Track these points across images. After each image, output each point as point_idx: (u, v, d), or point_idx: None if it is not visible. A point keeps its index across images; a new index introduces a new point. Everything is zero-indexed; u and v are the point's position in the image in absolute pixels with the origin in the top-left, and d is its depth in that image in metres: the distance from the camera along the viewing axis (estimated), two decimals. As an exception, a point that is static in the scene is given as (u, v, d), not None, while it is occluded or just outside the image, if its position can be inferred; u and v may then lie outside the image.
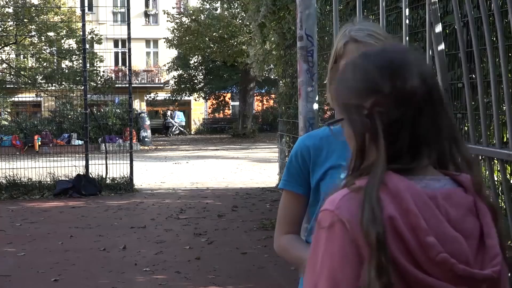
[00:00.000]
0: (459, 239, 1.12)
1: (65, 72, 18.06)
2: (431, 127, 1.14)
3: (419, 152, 1.15)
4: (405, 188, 1.10)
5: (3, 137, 20.49)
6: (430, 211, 1.10)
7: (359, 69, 1.17)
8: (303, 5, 3.15)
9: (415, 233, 1.08)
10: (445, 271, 1.08)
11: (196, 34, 28.12)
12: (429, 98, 1.14)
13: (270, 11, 9.30)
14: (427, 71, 1.16)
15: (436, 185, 1.16)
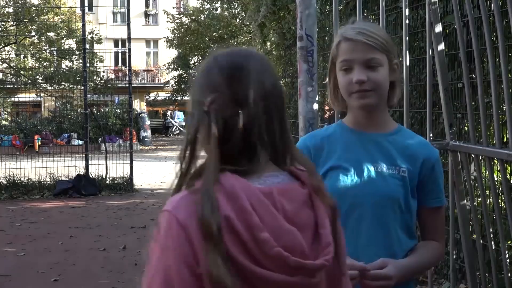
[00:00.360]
0: (294, 232, 1.17)
1: (65, 72, 18.05)
2: (265, 130, 1.20)
3: (255, 153, 1.20)
4: (240, 188, 1.15)
5: (3, 137, 20.49)
6: (265, 208, 1.15)
7: (206, 68, 1.25)
8: (303, 5, 3.15)
9: (250, 231, 1.12)
10: (280, 264, 1.13)
11: (196, 34, 28.12)
12: (265, 103, 1.20)
13: (270, 11, 9.30)
14: (266, 78, 1.22)
15: (275, 181, 1.22)
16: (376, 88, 1.71)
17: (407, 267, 1.68)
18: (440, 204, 1.77)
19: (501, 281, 3.60)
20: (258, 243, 1.12)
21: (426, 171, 1.72)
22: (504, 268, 3.50)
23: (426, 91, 3.58)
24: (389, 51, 1.72)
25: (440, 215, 1.78)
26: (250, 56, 1.25)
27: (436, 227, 1.77)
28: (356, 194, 1.71)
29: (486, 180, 3.97)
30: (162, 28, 33.13)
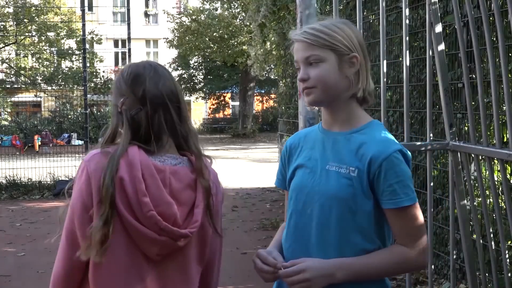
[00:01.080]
0: (172, 204, 1.54)
1: (65, 72, 18.05)
2: (163, 121, 1.60)
3: (160, 138, 1.61)
4: (139, 160, 1.54)
5: (3, 137, 20.49)
6: (153, 180, 1.53)
7: (116, 80, 1.67)
8: (303, 5, 3.15)
9: (136, 194, 1.50)
10: (153, 224, 1.51)
11: (196, 34, 28.12)
12: (161, 101, 1.60)
13: (270, 11, 9.30)
14: (161, 82, 1.62)
15: (172, 162, 1.61)
16: (318, 84, 1.70)
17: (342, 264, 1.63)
18: (394, 206, 1.64)
19: (501, 281, 3.60)
20: (139, 205, 1.50)
21: (374, 170, 1.64)
22: (504, 268, 3.50)
23: (426, 91, 3.58)
24: (334, 44, 1.69)
25: (402, 217, 1.65)
26: (146, 66, 1.66)
27: (399, 231, 1.67)
28: (308, 192, 1.74)
29: (486, 180, 3.97)
30: (162, 28, 33.15)
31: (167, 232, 1.53)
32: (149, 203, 1.51)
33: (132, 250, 1.55)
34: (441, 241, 4.84)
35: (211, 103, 36.69)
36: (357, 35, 1.74)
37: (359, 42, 1.73)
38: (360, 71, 1.72)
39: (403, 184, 1.64)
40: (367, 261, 1.65)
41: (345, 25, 1.74)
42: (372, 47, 5.87)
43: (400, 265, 1.68)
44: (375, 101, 5.94)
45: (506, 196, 3.38)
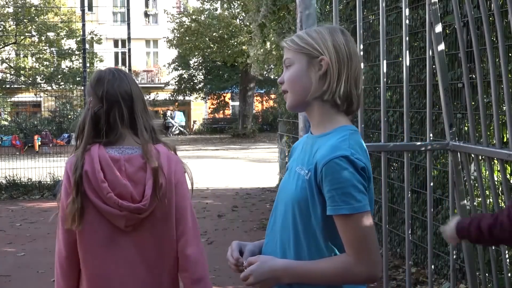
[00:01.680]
0: (127, 186, 1.98)
1: (65, 72, 18.05)
2: (118, 116, 2.02)
3: (116, 129, 2.03)
4: (97, 154, 1.98)
5: (3, 137, 20.48)
6: (110, 168, 1.98)
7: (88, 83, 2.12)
8: (303, 5, 3.15)
9: (97, 181, 1.96)
10: (113, 203, 1.96)
11: (196, 34, 28.12)
12: (116, 100, 2.02)
13: (270, 11, 9.30)
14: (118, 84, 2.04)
15: (128, 152, 2.03)
16: (288, 86, 1.77)
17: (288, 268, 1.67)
18: (333, 212, 1.62)
19: (501, 281, 3.60)
20: (101, 190, 1.96)
21: (319, 175, 1.64)
22: (504, 268, 3.50)
23: (426, 91, 3.58)
24: (305, 48, 1.72)
25: (343, 225, 1.62)
26: (107, 72, 2.08)
27: (343, 238, 1.64)
28: (279, 195, 1.82)
29: (486, 180, 3.97)
30: (162, 28, 33.13)
31: (125, 208, 1.97)
32: (107, 187, 1.97)
33: (107, 224, 2.01)
34: (441, 241, 4.84)
35: (211, 103, 36.68)
36: (335, 40, 1.72)
37: (336, 47, 1.72)
38: (328, 74, 1.71)
39: (342, 191, 1.60)
40: (311, 267, 1.66)
41: (327, 30, 1.74)
42: (372, 47, 5.87)
43: (342, 275, 1.65)
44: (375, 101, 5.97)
45: (506, 196, 3.38)
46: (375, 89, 5.84)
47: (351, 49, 1.74)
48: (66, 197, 2.00)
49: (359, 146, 1.68)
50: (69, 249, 2.04)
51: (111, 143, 2.04)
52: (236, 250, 1.82)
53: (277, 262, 1.70)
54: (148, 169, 2.01)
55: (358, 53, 1.78)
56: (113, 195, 1.96)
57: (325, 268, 1.65)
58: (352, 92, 1.72)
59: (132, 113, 2.05)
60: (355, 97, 1.73)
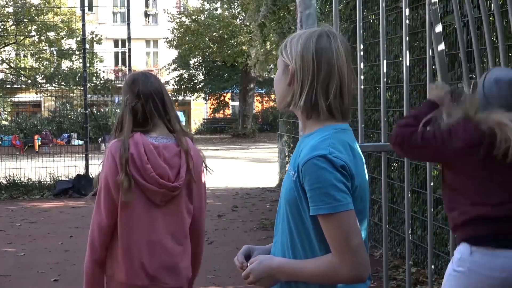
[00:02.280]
0: (165, 168, 2.40)
1: (65, 72, 18.04)
2: (153, 110, 2.45)
3: (152, 119, 2.46)
4: (141, 141, 2.39)
5: (3, 137, 20.48)
6: (152, 153, 2.39)
7: (123, 85, 2.55)
8: (303, 5, 3.15)
9: (142, 163, 2.36)
10: (154, 181, 2.38)
11: (196, 34, 28.11)
12: (150, 96, 2.45)
13: (270, 11, 9.30)
14: (149, 83, 2.48)
15: (164, 141, 2.46)
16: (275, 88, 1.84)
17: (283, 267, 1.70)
18: (313, 212, 1.62)
19: (501, 281, 3.59)
20: (145, 170, 2.37)
21: (301, 175, 1.65)
22: (504, 268, 3.49)
23: (426, 91, 3.58)
24: (281, 54, 1.76)
25: (324, 225, 1.62)
26: (140, 74, 2.54)
27: (327, 238, 1.64)
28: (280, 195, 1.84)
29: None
30: (162, 28, 33.12)
31: (164, 186, 2.40)
32: (150, 168, 2.38)
33: (144, 198, 2.41)
34: (441, 241, 4.84)
35: (211, 103, 36.68)
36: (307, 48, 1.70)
37: (304, 56, 1.70)
38: (293, 83, 1.72)
39: (321, 191, 1.60)
40: (301, 266, 1.68)
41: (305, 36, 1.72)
42: (372, 47, 5.87)
43: (327, 276, 1.65)
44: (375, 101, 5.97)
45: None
46: (375, 89, 5.83)
47: (324, 57, 1.69)
48: (112, 174, 2.38)
49: (341, 145, 1.67)
50: (111, 217, 2.41)
51: (148, 131, 2.46)
52: (241, 254, 1.84)
53: (273, 261, 1.72)
54: (183, 156, 2.47)
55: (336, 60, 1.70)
56: (155, 174, 2.38)
57: (312, 268, 1.66)
58: (319, 102, 1.69)
59: (164, 105, 2.49)
60: (323, 107, 1.69)
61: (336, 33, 1.76)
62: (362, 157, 1.77)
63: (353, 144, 1.72)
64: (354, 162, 1.67)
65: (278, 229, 1.80)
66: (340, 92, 1.71)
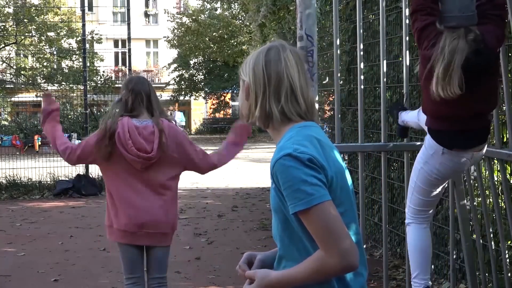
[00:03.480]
0: (143, 143, 3.24)
1: (65, 72, 18.04)
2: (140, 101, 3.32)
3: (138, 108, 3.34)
4: (126, 123, 3.26)
5: (3, 137, 20.47)
6: (133, 132, 3.24)
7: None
8: (303, 5, 3.15)
9: (125, 139, 3.22)
10: (134, 153, 3.23)
11: (196, 34, 28.11)
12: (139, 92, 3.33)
13: (270, 11, 9.31)
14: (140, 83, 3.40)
15: (144, 122, 3.31)
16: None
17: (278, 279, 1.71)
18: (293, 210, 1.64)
19: (501, 281, 3.61)
20: (127, 144, 3.22)
21: (274, 179, 1.69)
22: (504, 268, 3.50)
23: (426, 91, 3.57)
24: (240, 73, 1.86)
25: (305, 221, 1.65)
26: (136, 77, 3.50)
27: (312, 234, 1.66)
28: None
29: (486, 180, 3.97)
30: (162, 28, 33.11)
31: (141, 156, 3.26)
32: (131, 143, 3.24)
33: (128, 165, 3.29)
34: (441, 241, 4.84)
35: (212, 103, 36.67)
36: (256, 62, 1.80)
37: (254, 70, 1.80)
38: (248, 97, 1.82)
39: (293, 188, 1.63)
40: (294, 272, 1.69)
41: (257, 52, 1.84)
42: (372, 47, 5.87)
43: (319, 272, 1.65)
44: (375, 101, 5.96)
45: (505, 196, 3.38)
46: (375, 89, 5.83)
47: (273, 67, 1.78)
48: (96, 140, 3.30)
49: (307, 139, 1.70)
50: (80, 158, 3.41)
51: (134, 116, 3.33)
52: (244, 263, 1.85)
53: (271, 277, 1.72)
54: (156, 132, 3.28)
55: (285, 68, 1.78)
56: (134, 148, 3.24)
57: (303, 270, 1.66)
58: (273, 109, 1.76)
59: (149, 100, 3.35)
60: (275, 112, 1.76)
61: (286, 45, 1.84)
62: (332, 147, 1.79)
63: (319, 136, 1.75)
64: (323, 154, 1.69)
65: (276, 238, 1.82)
66: (293, 96, 1.77)
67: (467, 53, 2.76)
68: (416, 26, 2.94)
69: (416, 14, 2.95)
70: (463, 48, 2.75)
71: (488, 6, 2.87)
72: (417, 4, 2.94)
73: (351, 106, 6.41)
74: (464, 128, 2.97)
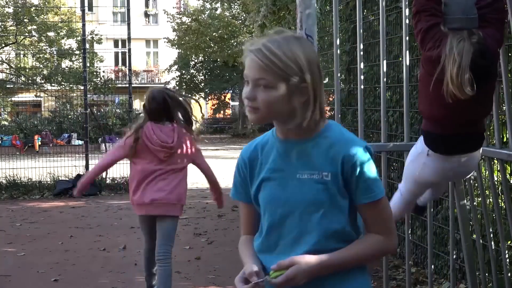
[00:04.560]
0: (165, 137, 4.16)
1: (65, 72, 18.04)
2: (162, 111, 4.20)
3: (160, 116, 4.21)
4: (152, 125, 4.18)
5: (3, 137, 20.49)
6: (157, 130, 4.16)
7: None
8: (303, 5, 3.15)
9: (150, 135, 4.14)
10: (158, 145, 4.14)
11: (196, 33, 28.11)
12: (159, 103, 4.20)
13: (270, 11, 9.31)
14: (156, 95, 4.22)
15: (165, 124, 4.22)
16: (263, 108, 1.69)
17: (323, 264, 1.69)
18: (370, 200, 1.72)
19: (501, 281, 3.60)
20: (152, 139, 4.13)
21: (348, 169, 1.69)
22: (504, 268, 3.50)
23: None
24: (286, 74, 1.66)
25: (376, 209, 1.74)
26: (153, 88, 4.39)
27: (374, 221, 1.75)
28: (284, 204, 1.76)
29: (486, 180, 3.97)
30: (162, 28, 33.12)
31: (164, 147, 4.11)
32: (155, 137, 4.10)
33: (153, 155, 4.14)
34: (441, 241, 4.84)
35: (212, 103, 36.67)
36: (310, 57, 1.69)
37: (310, 65, 1.68)
38: (309, 99, 1.69)
39: (375, 178, 1.73)
40: (345, 254, 1.72)
41: (301, 49, 1.68)
42: (372, 47, 5.87)
43: (376, 252, 1.78)
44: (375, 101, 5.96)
45: (505, 196, 3.38)
46: (375, 89, 5.83)
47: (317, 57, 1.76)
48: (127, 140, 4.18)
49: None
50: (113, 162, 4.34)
51: (157, 121, 4.19)
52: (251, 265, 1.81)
53: (311, 260, 1.69)
54: (175, 132, 4.18)
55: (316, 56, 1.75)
56: (159, 141, 4.12)
57: (360, 251, 1.74)
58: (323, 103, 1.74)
59: (168, 110, 4.20)
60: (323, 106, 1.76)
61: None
62: None
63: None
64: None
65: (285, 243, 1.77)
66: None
67: (472, 55, 2.76)
68: (420, 27, 2.91)
69: (420, 14, 2.93)
70: (468, 50, 2.75)
71: (488, 10, 2.86)
72: (421, 5, 2.92)
73: (351, 106, 6.41)
74: (453, 133, 2.95)
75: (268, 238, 1.80)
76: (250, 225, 1.91)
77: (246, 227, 1.93)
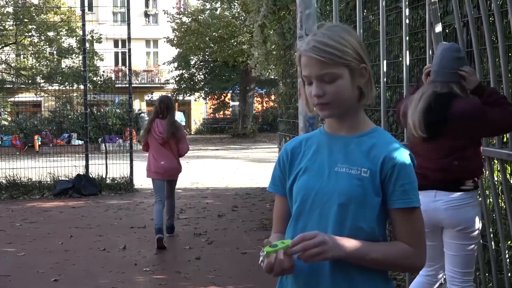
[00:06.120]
0: (162, 129, 6.62)
1: (65, 71, 18.04)
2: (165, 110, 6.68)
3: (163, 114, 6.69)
4: (157, 121, 6.67)
5: (3, 137, 20.50)
6: (160, 124, 6.66)
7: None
8: (303, 5, 3.15)
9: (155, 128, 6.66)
10: (158, 134, 6.62)
11: (196, 34, 28.11)
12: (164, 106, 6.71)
13: (270, 11, 9.30)
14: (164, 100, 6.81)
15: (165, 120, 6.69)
16: (334, 100, 1.73)
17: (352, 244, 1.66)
18: (405, 206, 1.69)
19: (501, 281, 3.60)
20: (155, 131, 6.63)
21: (387, 170, 1.70)
22: (504, 268, 3.50)
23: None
24: (347, 60, 1.70)
25: (410, 217, 1.70)
26: (164, 97, 7.02)
27: (405, 230, 1.71)
28: (316, 194, 1.76)
29: (486, 180, 3.97)
30: (162, 28, 33.12)
31: (161, 136, 6.59)
32: (157, 130, 6.60)
33: (157, 140, 6.62)
34: (441, 241, 4.83)
35: (212, 103, 36.66)
36: (359, 40, 1.76)
37: (362, 48, 1.76)
38: (370, 78, 1.77)
39: (413, 185, 1.70)
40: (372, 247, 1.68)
41: (349, 34, 1.74)
42: (372, 47, 5.87)
43: (402, 261, 1.71)
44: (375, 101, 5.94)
45: (506, 196, 3.38)
46: (375, 89, 5.83)
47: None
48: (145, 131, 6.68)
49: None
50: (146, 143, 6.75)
51: (162, 118, 6.56)
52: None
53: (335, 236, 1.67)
54: (168, 124, 6.53)
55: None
56: (158, 132, 6.52)
57: (389, 253, 1.69)
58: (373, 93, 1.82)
59: (171, 110, 6.64)
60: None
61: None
62: None
63: None
64: None
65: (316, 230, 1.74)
66: None
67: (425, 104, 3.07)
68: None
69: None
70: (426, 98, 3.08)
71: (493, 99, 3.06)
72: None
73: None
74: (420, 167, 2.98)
75: (295, 226, 1.80)
76: (282, 221, 1.88)
77: (277, 224, 1.90)
